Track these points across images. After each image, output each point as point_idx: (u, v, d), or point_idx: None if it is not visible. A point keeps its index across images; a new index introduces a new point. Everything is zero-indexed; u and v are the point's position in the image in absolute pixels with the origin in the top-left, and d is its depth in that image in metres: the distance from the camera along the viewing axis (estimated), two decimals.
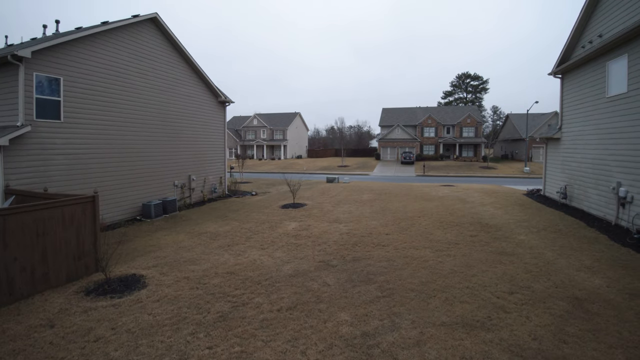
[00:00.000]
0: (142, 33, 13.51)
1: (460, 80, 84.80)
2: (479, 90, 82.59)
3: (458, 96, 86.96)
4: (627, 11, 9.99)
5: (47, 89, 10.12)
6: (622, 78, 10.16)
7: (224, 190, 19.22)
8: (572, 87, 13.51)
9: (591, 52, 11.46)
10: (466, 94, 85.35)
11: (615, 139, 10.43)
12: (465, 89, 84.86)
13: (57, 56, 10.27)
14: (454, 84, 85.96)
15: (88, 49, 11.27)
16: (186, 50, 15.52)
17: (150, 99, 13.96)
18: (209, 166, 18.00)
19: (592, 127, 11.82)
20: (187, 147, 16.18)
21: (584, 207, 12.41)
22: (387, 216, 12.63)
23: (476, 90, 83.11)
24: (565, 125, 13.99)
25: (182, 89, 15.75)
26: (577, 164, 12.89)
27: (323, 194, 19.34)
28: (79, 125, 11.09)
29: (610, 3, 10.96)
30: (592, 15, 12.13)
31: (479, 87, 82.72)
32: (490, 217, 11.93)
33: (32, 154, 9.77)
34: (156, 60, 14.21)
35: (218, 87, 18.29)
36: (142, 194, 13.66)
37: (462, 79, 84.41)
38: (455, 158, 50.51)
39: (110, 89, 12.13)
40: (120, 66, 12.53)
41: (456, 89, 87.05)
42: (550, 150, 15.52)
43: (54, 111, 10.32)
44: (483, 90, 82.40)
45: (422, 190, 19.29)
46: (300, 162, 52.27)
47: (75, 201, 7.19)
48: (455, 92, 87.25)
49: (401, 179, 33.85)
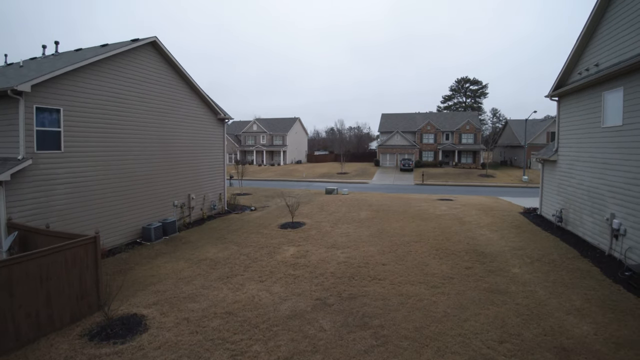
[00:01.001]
0: (142, 57, 13.67)
1: (460, 85, 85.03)
2: (478, 95, 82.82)
3: (457, 100, 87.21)
4: (624, 44, 10.09)
5: (48, 121, 10.28)
6: (617, 110, 10.29)
7: (223, 207, 19.38)
8: (569, 111, 13.67)
9: (587, 81, 11.60)
10: (465, 99, 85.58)
11: (610, 169, 10.58)
12: (465, 94, 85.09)
13: (57, 87, 10.42)
14: (453, 88, 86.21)
15: (88, 78, 11.44)
16: (185, 71, 15.68)
17: (149, 121, 14.12)
18: (208, 183, 18.17)
19: (588, 155, 11.98)
20: (186, 167, 16.35)
21: (579, 232, 12.57)
22: (384, 240, 12.79)
23: (475, 94, 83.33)
24: (562, 149, 14.16)
25: (181, 109, 15.91)
26: (573, 189, 13.05)
27: (322, 210, 19.50)
28: (79, 154, 11.25)
29: (607, 34, 11.08)
30: (589, 42, 12.23)
31: (478, 91, 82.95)
32: (486, 244, 12.09)
33: (33, 185, 9.93)
34: (155, 83, 14.37)
35: (217, 105, 18.47)
36: (142, 216, 13.83)
37: (462, 84, 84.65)
38: (455, 165, 50.69)
39: (109, 115, 12.29)
40: (120, 91, 12.69)
41: (455, 94, 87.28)
42: (546, 172, 15.69)
43: (54, 142, 10.48)
44: (482, 95, 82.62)
45: (419, 207, 19.45)
46: (299, 168, 52.43)
47: (77, 244, 7.35)
48: (455, 96, 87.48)
49: (400, 188, 34.02)
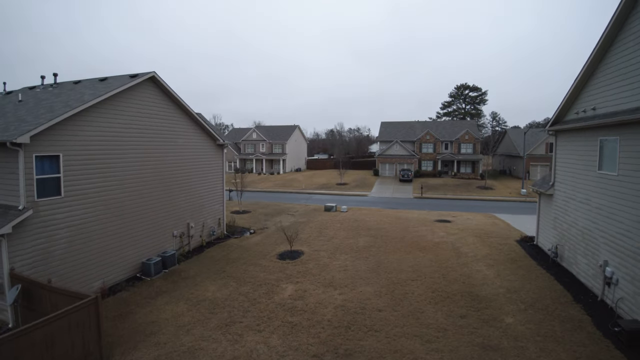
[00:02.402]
0: (140, 92, 13.78)
1: (459, 91, 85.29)
2: (478, 102, 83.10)
3: (457, 107, 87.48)
4: (623, 93, 10.04)
5: (47, 168, 10.44)
6: (613, 158, 10.37)
7: (222, 231, 19.54)
8: (566, 148, 13.77)
9: (584, 125, 11.68)
10: (465, 105, 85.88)
11: (604, 216, 10.73)
12: (464, 100, 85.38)
13: (55, 134, 10.55)
14: (453, 94, 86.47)
15: (86, 120, 11.56)
16: (184, 102, 15.81)
17: (148, 155, 14.26)
18: (208, 210, 18.33)
19: (583, 196, 12.14)
20: (186, 196, 16.52)
21: (573, 270, 12.74)
22: (381, 278, 12.95)
23: (475, 101, 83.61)
24: (558, 184, 14.33)
25: (180, 139, 16.07)
26: (568, 226, 13.22)
27: (320, 234, 19.67)
28: (79, 196, 11.40)
29: (605, 80, 11.03)
30: (588, 82, 12.13)
31: (478, 98, 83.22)
32: (481, 283, 12.26)
33: (34, 233, 10.08)
34: (154, 116, 14.50)
35: (216, 131, 18.68)
36: (142, 250, 13.99)
37: (461, 90, 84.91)
38: (454, 175, 50.87)
39: (108, 153, 12.43)
40: (119, 129, 12.82)
41: (455, 100, 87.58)
42: (543, 203, 15.85)
43: (54, 188, 10.63)
44: (482, 102, 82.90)
45: (417, 233, 19.60)
46: (299, 178, 52.59)
47: (80, 307, 7.51)
48: (454, 102, 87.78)
49: (398, 202, 34.17)
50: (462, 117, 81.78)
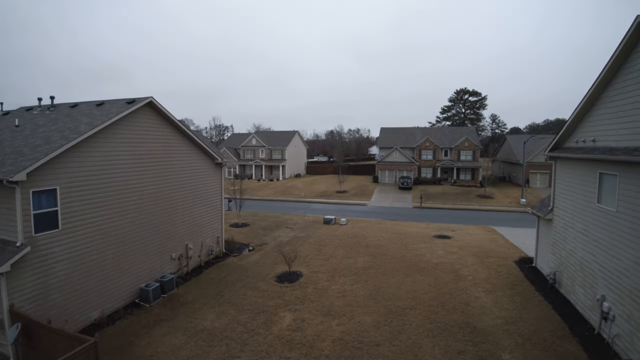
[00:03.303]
0: (138, 118, 13.73)
1: (459, 96, 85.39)
2: (478, 107, 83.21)
3: (457, 111, 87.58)
4: (622, 131, 9.93)
5: (44, 202, 10.44)
6: (612, 194, 10.33)
7: (221, 250, 19.54)
8: (565, 175, 13.69)
9: (584, 157, 11.57)
10: (464, 109, 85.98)
11: (603, 250, 10.72)
12: (464, 104, 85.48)
13: (52, 168, 10.55)
14: (453, 99, 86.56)
15: (83, 152, 11.54)
16: (182, 125, 15.83)
17: (146, 181, 14.23)
18: (206, 229, 18.33)
19: (582, 226, 12.13)
20: (184, 217, 16.52)
21: (571, 299, 12.75)
22: (379, 306, 12.96)
23: (474, 106, 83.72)
24: (557, 210, 14.33)
25: (178, 162, 16.05)
26: (567, 254, 13.23)
27: (319, 253, 19.68)
28: (77, 228, 11.40)
29: (607, 114, 10.88)
30: (589, 112, 11.96)
31: (477, 103, 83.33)
32: (480, 312, 12.28)
33: (33, 269, 10.09)
34: (152, 141, 14.47)
35: (215, 150, 18.67)
36: (141, 275, 13.99)
37: (461, 95, 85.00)
38: (453, 182, 50.88)
39: (105, 183, 12.42)
40: (115, 157, 12.80)
41: (455, 104, 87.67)
42: (542, 227, 15.86)
43: (51, 222, 10.63)
44: (482, 107, 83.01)
45: (416, 251, 19.60)
46: (298, 185, 52.60)
47: (79, 352, 7.52)
48: (454, 106, 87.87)
49: (398, 213, 34.14)
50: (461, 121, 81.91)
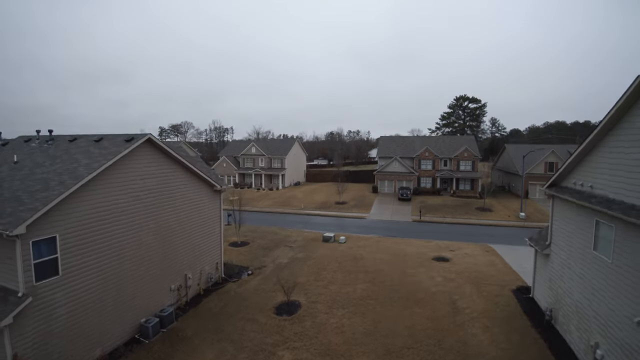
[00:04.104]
0: (137, 156, 13.78)
1: (459, 103, 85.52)
2: (477, 115, 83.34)
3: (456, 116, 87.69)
4: (621, 185, 9.92)
5: (44, 250, 10.54)
6: (608, 244, 10.37)
7: (220, 275, 19.61)
8: (563, 214, 13.68)
9: (581, 203, 11.54)
10: (464, 115, 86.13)
11: (598, 298, 10.79)
12: (464, 111, 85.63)
13: (51, 216, 10.63)
14: (452, 105, 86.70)
15: (82, 196, 11.62)
16: (181, 157, 15.82)
17: (144, 217, 14.28)
18: (205, 257, 18.40)
19: (578, 269, 12.19)
20: (183, 248, 16.59)
21: (566, 338, 12.83)
22: (377, 343, 13.05)
23: (474, 113, 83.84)
24: (554, 246, 14.39)
25: (177, 193, 16.10)
26: (563, 293, 13.30)
27: (318, 277, 19.76)
28: (77, 272, 11.49)
29: (607, 163, 10.81)
30: (590, 155, 11.84)
31: (477, 110, 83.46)
32: (476, 352, 12.36)
33: (35, 317, 10.19)
34: (150, 177, 14.49)
35: (214, 177, 18.75)
36: (140, 310, 14.06)
37: (460, 101, 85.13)
38: (453, 193, 50.95)
39: (104, 223, 12.49)
40: (114, 197, 12.87)
41: (455, 110, 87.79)
42: (539, 260, 15.92)
43: (52, 269, 10.74)
44: (481, 114, 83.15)
45: (415, 277, 19.67)
46: (298, 195, 52.67)
47: None
48: (454, 113, 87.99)
49: (397, 228, 34.16)
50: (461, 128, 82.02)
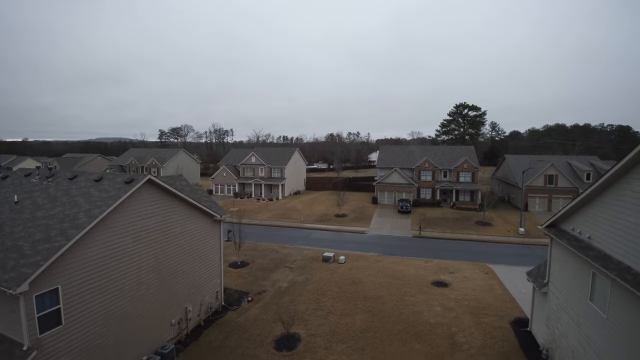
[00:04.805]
0: (137, 198, 13.83)
1: (458, 110, 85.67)
2: (477, 124, 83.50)
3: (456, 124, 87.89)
4: (619, 244, 9.97)
5: (47, 302, 10.63)
6: (604, 298, 10.42)
7: (220, 304, 19.65)
8: (560, 257, 13.68)
9: (578, 254, 11.56)
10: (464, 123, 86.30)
11: (593, 350, 10.82)
12: (464, 118, 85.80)
13: (53, 269, 10.71)
14: (452, 113, 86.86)
15: (83, 246, 11.70)
16: (181, 194, 15.85)
17: (144, 255, 14.32)
18: (206, 287, 18.45)
19: (575, 314, 12.23)
20: (184, 282, 16.64)
21: None
22: None
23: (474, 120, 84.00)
24: (552, 286, 14.43)
25: (177, 228, 16.14)
26: (560, 335, 13.34)
27: (317, 305, 19.82)
28: (79, 320, 11.58)
29: (605, 218, 10.78)
30: (590, 204, 11.79)
31: (477, 118, 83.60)
32: None
33: None
34: (149, 216, 14.53)
35: (213, 208, 18.79)
36: (141, 348, 14.13)
37: (460, 109, 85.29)
38: (452, 205, 50.97)
39: (105, 268, 12.58)
40: (116, 241, 12.96)
41: (455, 117, 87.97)
42: (537, 297, 15.96)
43: (55, 319, 10.84)
44: (481, 123, 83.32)
45: (415, 306, 19.72)
46: (298, 206, 52.72)
47: None
48: (454, 120, 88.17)
49: (396, 245, 34.16)
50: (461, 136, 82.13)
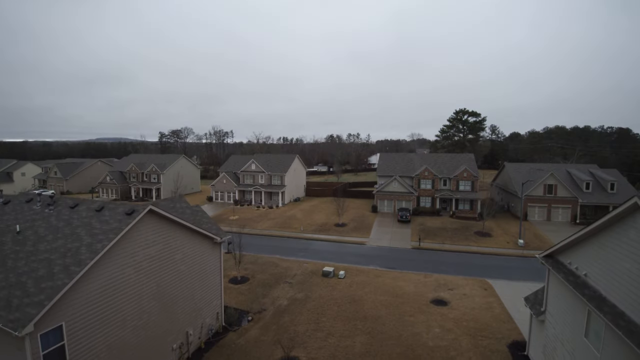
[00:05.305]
0: (138, 229, 13.94)
1: (458, 116, 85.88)
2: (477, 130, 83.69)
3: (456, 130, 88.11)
4: (611, 286, 10.14)
5: (52, 340, 10.79)
6: (598, 337, 10.55)
7: (220, 325, 19.75)
8: (557, 289, 13.74)
9: (575, 291, 11.67)
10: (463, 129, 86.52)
11: None
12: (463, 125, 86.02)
13: (57, 308, 10.84)
14: (452, 119, 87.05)
15: (85, 281, 11.82)
16: (182, 221, 16.00)
17: (146, 284, 14.44)
18: (206, 310, 18.55)
19: (570, 348, 12.35)
20: (184, 306, 16.75)
21: None
22: None
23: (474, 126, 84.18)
24: (548, 315, 14.54)
25: (178, 254, 16.26)
26: None
27: (317, 326, 19.95)
28: (83, 354, 11.71)
29: (602, 259, 10.98)
30: (586, 241, 11.97)
31: (476, 124, 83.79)
32: None
33: None
34: (151, 245, 14.65)
35: (213, 231, 18.92)
36: None
37: (460, 115, 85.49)
38: (452, 214, 51.10)
39: (108, 301, 12.71)
40: (118, 273, 13.09)
41: (455, 123, 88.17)
42: (534, 323, 16.06)
43: (59, 356, 11.01)
44: (480, 129, 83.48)
45: (414, 327, 19.85)
46: (298, 214, 52.84)
47: None
48: (454, 125, 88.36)
49: (396, 257, 34.27)
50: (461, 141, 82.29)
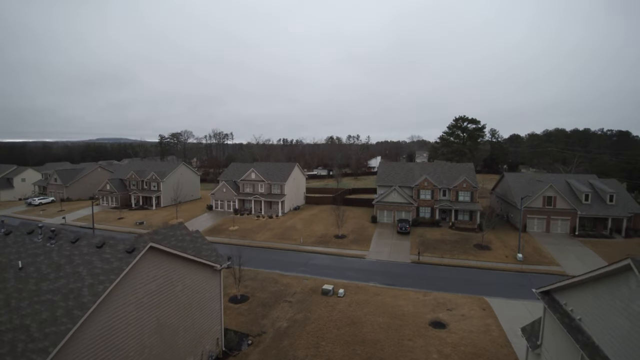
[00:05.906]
0: (139, 265, 14.10)
1: (458, 123, 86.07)
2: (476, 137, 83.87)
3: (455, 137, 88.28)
4: (605, 341, 10.32)
5: None
6: None
7: (220, 350, 19.86)
8: (552, 326, 13.90)
9: (570, 335, 11.84)
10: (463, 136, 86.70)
11: None
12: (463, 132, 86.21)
13: (61, 352, 10.98)
14: (452, 126, 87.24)
15: (88, 323, 11.98)
16: (181, 253, 16.13)
17: (146, 319, 14.64)
18: (206, 337, 18.67)
19: None
20: (185, 337, 16.87)
21: None
22: None
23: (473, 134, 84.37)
24: (544, 351, 14.68)
25: (178, 285, 16.39)
26: None
27: (317, 350, 20.09)
28: None
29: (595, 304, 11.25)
30: (582, 285, 12.22)
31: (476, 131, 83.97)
32: None
33: None
34: (153, 280, 14.82)
35: (213, 258, 19.04)
36: None
37: (459, 122, 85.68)
38: (451, 225, 51.21)
39: (110, 340, 12.94)
40: (119, 311, 13.29)
41: (454, 130, 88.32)
42: (530, 356, 16.19)
43: None
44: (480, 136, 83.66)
45: (413, 353, 19.98)
46: (297, 224, 52.98)
47: None
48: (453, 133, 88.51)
49: (396, 273, 34.41)
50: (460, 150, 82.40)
